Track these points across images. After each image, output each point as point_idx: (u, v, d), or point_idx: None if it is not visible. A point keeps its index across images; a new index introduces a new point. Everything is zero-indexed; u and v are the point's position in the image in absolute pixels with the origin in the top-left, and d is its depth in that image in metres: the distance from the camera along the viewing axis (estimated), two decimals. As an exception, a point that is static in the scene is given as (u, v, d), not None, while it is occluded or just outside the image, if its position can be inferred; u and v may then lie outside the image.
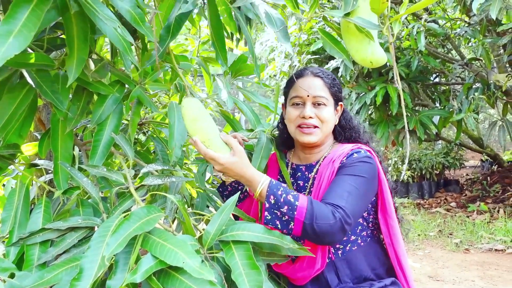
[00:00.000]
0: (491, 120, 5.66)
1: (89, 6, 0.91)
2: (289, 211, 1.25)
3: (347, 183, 1.34)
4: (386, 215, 1.48)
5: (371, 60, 1.15)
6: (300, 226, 1.25)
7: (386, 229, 1.49)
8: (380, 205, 1.50)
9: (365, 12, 1.10)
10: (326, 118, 1.47)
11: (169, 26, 1.26)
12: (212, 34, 1.36)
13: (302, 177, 1.56)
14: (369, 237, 1.51)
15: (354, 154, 1.43)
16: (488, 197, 6.98)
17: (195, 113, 1.31)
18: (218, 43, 1.38)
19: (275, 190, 1.29)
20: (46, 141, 1.41)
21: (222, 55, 1.39)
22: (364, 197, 1.38)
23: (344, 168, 1.40)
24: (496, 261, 4.58)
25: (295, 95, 1.50)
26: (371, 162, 1.42)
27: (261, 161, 1.50)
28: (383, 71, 5.27)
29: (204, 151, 1.31)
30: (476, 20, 4.76)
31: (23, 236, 1.17)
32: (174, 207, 1.36)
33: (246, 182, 1.34)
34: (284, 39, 1.25)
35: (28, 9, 0.85)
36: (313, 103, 1.48)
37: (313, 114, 1.47)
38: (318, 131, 1.48)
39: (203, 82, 2.55)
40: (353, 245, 1.47)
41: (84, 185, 1.24)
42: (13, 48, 0.80)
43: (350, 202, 1.30)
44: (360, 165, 1.39)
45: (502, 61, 5.25)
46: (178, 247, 0.97)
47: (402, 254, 1.47)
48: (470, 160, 10.65)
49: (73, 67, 1.04)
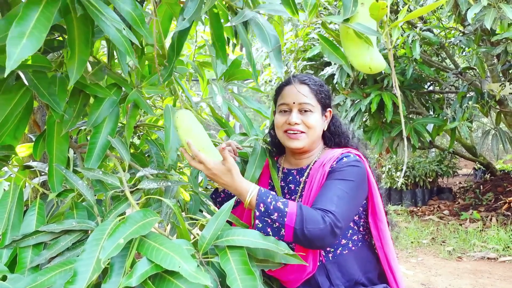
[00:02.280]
0: (485, 129, 5.70)
1: (94, 8, 0.91)
2: (279, 217, 1.27)
3: (336, 188, 1.37)
4: (376, 219, 1.51)
5: (370, 66, 1.15)
6: (291, 232, 1.26)
7: (377, 233, 1.51)
8: (370, 208, 1.52)
9: (364, 18, 1.11)
10: (312, 124, 1.50)
11: (173, 44, 1.28)
12: (212, 34, 1.37)
13: (293, 181, 1.58)
14: (360, 241, 1.52)
15: (343, 159, 1.45)
16: (481, 206, 7.02)
17: (188, 124, 1.33)
18: (218, 43, 1.39)
19: (265, 198, 1.31)
20: (41, 143, 1.40)
21: (222, 54, 1.40)
22: (354, 200, 1.41)
23: (334, 172, 1.43)
24: (488, 269, 4.60)
25: (282, 102, 1.54)
26: (360, 165, 1.45)
27: (255, 170, 1.52)
28: (378, 79, 5.29)
29: (196, 153, 1.32)
30: (470, 29, 4.80)
31: (16, 239, 1.16)
32: (169, 212, 1.35)
33: (235, 191, 1.37)
34: (277, 59, 1.25)
35: (38, 11, 0.85)
36: (299, 109, 1.51)
37: (299, 120, 1.49)
38: (305, 136, 1.50)
39: (199, 86, 2.55)
40: (344, 249, 1.48)
41: (79, 188, 1.23)
42: (27, 50, 0.81)
43: (340, 206, 1.32)
44: (349, 169, 1.42)
45: (495, 70, 5.30)
46: (174, 251, 0.96)
47: (392, 257, 1.49)
48: (463, 169, 10.71)
49: (74, 69, 1.05)
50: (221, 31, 1.37)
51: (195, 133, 1.34)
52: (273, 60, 1.26)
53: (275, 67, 1.25)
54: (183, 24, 1.17)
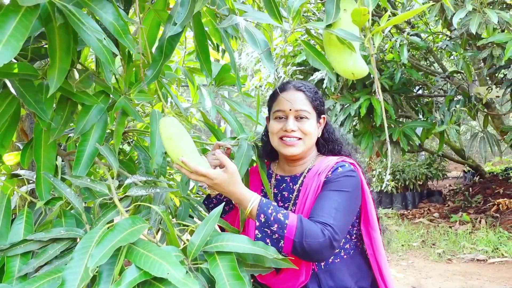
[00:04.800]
0: (473, 132, 5.77)
1: (74, 17, 0.91)
2: (279, 229, 1.27)
3: (333, 200, 1.36)
4: (369, 227, 1.50)
5: (352, 71, 1.16)
6: (290, 244, 1.26)
7: (369, 241, 1.51)
8: (363, 217, 1.52)
9: (346, 24, 1.12)
10: (309, 131, 1.50)
11: (162, 47, 1.25)
12: (197, 46, 1.37)
13: (286, 188, 1.57)
14: (352, 249, 1.52)
15: (339, 169, 1.44)
16: (470, 208, 7.09)
17: (171, 132, 1.30)
18: (202, 55, 1.38)
19: (265, 208, 1.30)
20: (29, 151, 1.39)
21: (206, 66, 1.39)
22: (350, 211, 1.41)
23: (329, 183, 1.42)
24: (478, 271, 4.64)
25: (278, 108, 1.53)
26: (354, 175, 1.44)
27: (241, 167, 1.50)
28: (367, 83, 5.34)
29: (195, 168, 1.28)
30: (457, 34, 4.87)
31: (4, 248, 1.15)
32: (158, 218, 1.35)
33: (236, 200, 1.35)
34: (268, 61, 1.25)
35: (16, 19, 0.84)
36: (296, 116, 1.50)
37: (296, 128, 1.49)
38: (301, 143, 1.50)
39: (189, 92, 2.55)
40: (336, 258, 1.48)
41: (67, 196, 1.22)
42: (3, 57, 0.80)
43: (338, 219, 1.32)
44: (344, 179, 1.42)
45: (482, 74, 5.37)
46: (163, 258, 0.96)
47: (384, 265, 1.49)
48: (453, 171, 10.81)
49: (54, 78, 1.03)
50: (205, 43, 1.36)
51: (179, 142, 1.30)
52: (264, 61, 1.26)
53: (267, 67, 1.25)
54: (175, 29, 1.17)
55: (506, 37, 3.93)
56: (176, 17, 1.18)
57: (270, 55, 1.28)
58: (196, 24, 1.34)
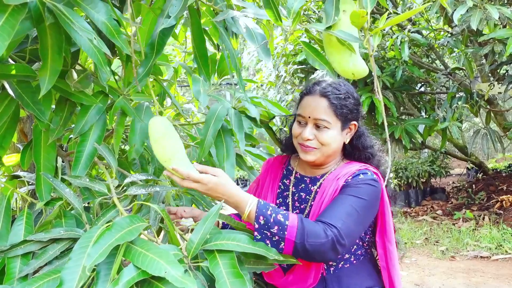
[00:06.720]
0: (476, 129, 5.75)
1: (65, 17, 0.90)
2: (279, 231, 1.23)
3: (347, 204, 1.32)
4: (385, 239, 1.46)
5: (352, 71, 1.16)
6: (291, 246, 1.23)
7: (383, 252, 1.46)
8: (379, 227, 1.48)
9: (346, 25, 1.12)
10: (326, 141, 1.42)
11: (153, 43, 1.23)
12: (195, 49, 1.35)
13: (305, 189, 1.52)
14: (363, 255, 1.49)
15: (360, 175, 1.40)
16: (474, 205, 7.07)
17: (159, 133, 1.26)
18: (200, 59, 1.36)
19: (264, 210, 1.26)
20: (29, 152, 1.40)
21: (204, 70, 1.37)
22: (363, 220, 1.36)
23: (348, 187, 1.38)
24: (481, 268, 4.63)
25: (300, 112, 1.47)
26: (376, 185, 1.40)
27: (208, 136, 1.50)
28: (368, 81, 5.33)
29: (187, 174, 1.24)
30: (458, 30, 4.85)
31: (4, 249, 1.15)
32: (158, 217, 1.35)
33: (233, 204, 1.30)
34: (265, 54, 1.24)
35: (2, 18, 0.84)
36: (315, 124, 1.43)
37: (312, 136, 1.43)
38: (317, 152, 1.44)
39: (190, 92, 2.55)
40: (346, 263, 1.45)
41: (66, 196, 1.23)
42: None
43: (347, 224, 1.28)
44: (364, 187, 1.37)
45: (484, 70, 5.36)
46: (160, 257, 0.96)
47: (397, 279, 1.45)
48: (456, 168, 10.77)
49: (45, 78, 1.02)
50: (203, 45, 1.35)
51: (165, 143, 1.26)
52: (261, 55, 1.25)
53: (263, 60, 1.24)
54: (169, 22, 1.13)
55: (507, 33, 3.92)
56: (169, 9, 1.14)
57: (267, 48, 1.27)
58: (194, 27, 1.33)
